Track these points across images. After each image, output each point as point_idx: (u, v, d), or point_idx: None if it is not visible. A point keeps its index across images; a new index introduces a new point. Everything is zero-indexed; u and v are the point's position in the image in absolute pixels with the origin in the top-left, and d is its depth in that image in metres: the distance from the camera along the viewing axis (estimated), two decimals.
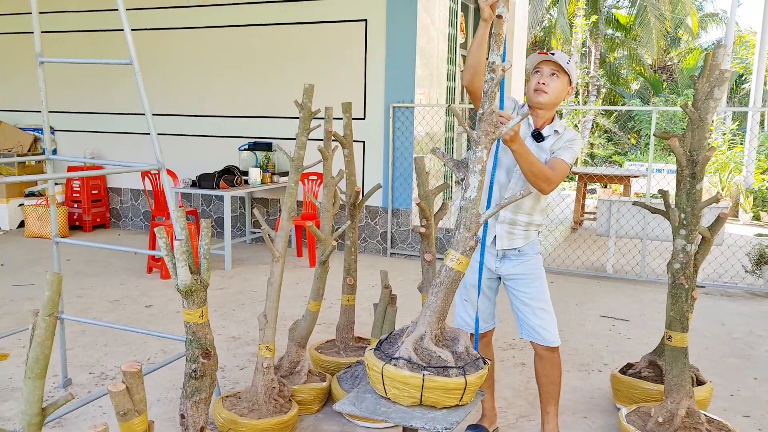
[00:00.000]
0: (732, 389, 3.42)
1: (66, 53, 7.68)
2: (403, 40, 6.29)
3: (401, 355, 2.22)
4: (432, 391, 2.17)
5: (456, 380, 2.18)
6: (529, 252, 2.69)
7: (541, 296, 2.69)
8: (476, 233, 2.22)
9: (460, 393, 2.21)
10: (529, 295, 2.67)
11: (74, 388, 3.26)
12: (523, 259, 2.69)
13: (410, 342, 2.25)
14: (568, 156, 2.53)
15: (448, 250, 2.22)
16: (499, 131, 2.22)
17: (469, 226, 2.18)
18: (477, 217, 2.19)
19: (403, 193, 6.54)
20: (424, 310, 2.25)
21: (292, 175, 2.83)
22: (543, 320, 2.67)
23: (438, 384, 2.16)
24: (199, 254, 2.30)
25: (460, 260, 2.19)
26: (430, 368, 2.18)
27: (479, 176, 2.18)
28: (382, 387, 2.24)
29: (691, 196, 2.55)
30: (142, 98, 2.61)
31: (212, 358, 2.37)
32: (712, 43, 22.55)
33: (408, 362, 2.18)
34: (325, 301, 4.55)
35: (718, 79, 2.41)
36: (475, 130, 2.21)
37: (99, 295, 4.94)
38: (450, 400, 2.23)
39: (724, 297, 5.34)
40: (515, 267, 2.69)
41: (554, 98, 2.53)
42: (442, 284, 2.22)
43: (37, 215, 7.07)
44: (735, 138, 11.09)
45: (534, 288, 2.68)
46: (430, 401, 2.22)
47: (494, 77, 2.13)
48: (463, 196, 2.22)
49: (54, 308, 1.64)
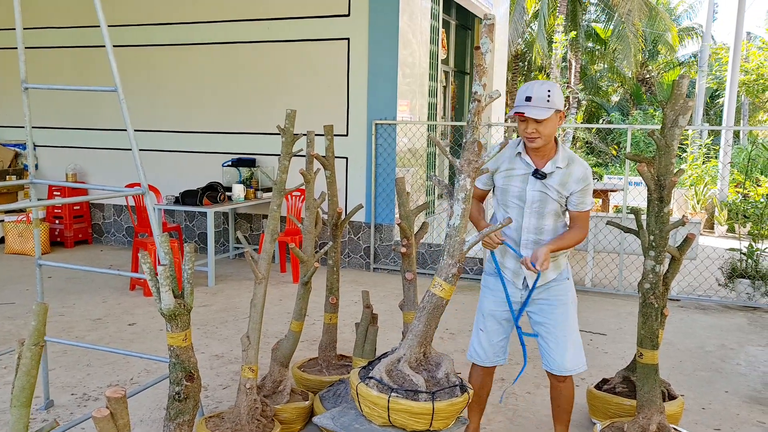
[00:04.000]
0: (703, 402, 3.53)
1: (51, 70, 7.67)
2: (385, 57, 6.39)
3: (374, 375, 2.28)
4: (398, 413, 2.21)
5: (423, 405, 2.19)
6: (557, 278, 2.61)
7: (562, 323, 2.57)
8: (460, 260, 2.27)
9: (427, 418, 2.22)
10: (551, 321, 2.58)
11: (56, 410, 3.26)
12: (550, 284, 2.60)
13: (385, 364, 2.31)
14: (588, 202, 2.55)
15: (434, 277, 2.27)
16: (489, 241, 2.45)
17: (453, 254, 2.23)
18: (461, 244, 2.25)
19: (386, 209, 6.62)
20: (408, 334, 2.32)
21: (275, 198, 2.88)
22: (558, 348, 2.57)
23: (403, 407, 2.19)
24: (182, 278, 2.35)
25: (443, 287, 2.24)
26: (398, 391, 2.21)
27: (463, 204, 2.24)
28: (358, 404, 2.31)
29: (659, 219, 2.65)
30: (126, 124, 2.66)
31: (196, 381, 2.41)
32: (690, 56, 23.06)
33: (378, 383, 2.23)
34: (309, 318, 4.60)
35: (682, 108, 2.52)
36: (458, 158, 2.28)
37: (81, 314, 4.94)
38: (417, 424, 2.23)
39: (698, 310, 5.48)
40: (540, 293, 2.60)
41: (548, 138, 2.46)
42: (425, 309, 2.28)
43: (17, 232, 7.02)
44: (710, 152, 11.35)
45: (556, 315, 2.57)
46: (398, 423, 2.26)
47: (477, 107, 2.21)
48: (449, 223, 2.28)
49: (40, 338, 1.68)
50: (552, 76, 16.50)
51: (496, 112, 9.99)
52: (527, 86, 2.46)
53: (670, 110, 2.55)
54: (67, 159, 7.73)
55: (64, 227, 7.45)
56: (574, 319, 2.64)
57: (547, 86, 2.43)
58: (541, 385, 3.70)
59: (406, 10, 6.50)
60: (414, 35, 6.78)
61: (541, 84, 2.45)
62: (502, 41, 10.68)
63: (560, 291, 2.60)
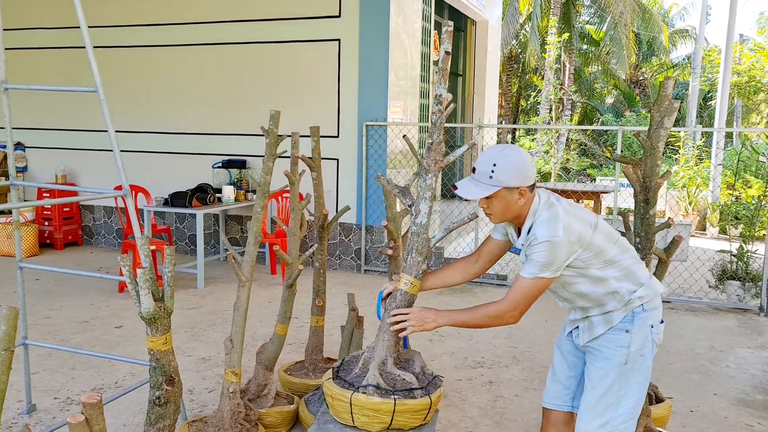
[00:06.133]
0: (692, 405, 3.51)
1: (37, 71, 7.62)
2: (376, 59, 6.37)
3: (369, 382, 2.27)
4: (402, 414, 2.24)
5: (422, 401, 2.25)
6: (616, 325, 2.12)
7: (600, 380, 2.09)
8: (426, 256, 2.29)
9: (425, 413, 2.29)
10: (589, 372, 2.15)
11: (38, 414, 3.22)
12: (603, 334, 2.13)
13: (375, 368, 2.30)
14: (526, 271, 2.03)
15: (401, 274, 2.31)
16: (408, 328, 2.22)
17: (421, 251, 2.29)
18: (428, 241, 2.31)
19: (377, 211, 6.60)
20: (381, 335, 2.31)
21: (259, 199, 2.86)
22: (585, 409, 2.12)
23: (408, 407, 2.23)
24: (163, 281, 2.32)
25: (413, 283, 2.30)
26: (398, 392, 2.25)
27: (429, 202, 2.31)
28: (349, 416, 2.27)
29: (645, 221, 2.64)
30: (107, 125, 2.63)
31: (176, 385, 2.38)
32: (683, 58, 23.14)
33: (377, 388, 2.23)
34: (296, 320, 4.57)
35: (668, 110, 2.51)
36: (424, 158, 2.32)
37: (68, 316, 4.89)
38: (416, 420, 2.30)
39: (688, 312, 5.47)
40: (590, 337, 2.17)
41: (503, 215, 2.10)
42: (398, 308, 2.29)
43: (5, 234, 6.97)
44: (702, 154, 11.39)
45: (596, 367, 2.11)
46: (399, 424, 2.28)
47: (441, 109, 2.27)
48: (414, 221, 2.33)
49: (10, 343, 1.65)
50: (545, 78, 16.51)
51: (488, 114, 9.98)
52: (482, 153, 2.13)
53: (656, 111, 2.54)
54: (57, 160, 7.67)
55: (53, 229, 7.40)
56: (619, 385, 2.07)
57: (495, 158, 2.04)
58: (530, 388, 3.69)
59: (398, 12, 6.49)
60: (405, 37, 6.77)
61: (492, 154, 2.07)
62: (495, 43, 10.67)
63: (610, 341, 2.09)
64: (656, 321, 2.11)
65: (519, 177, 2.03)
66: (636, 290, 2.08)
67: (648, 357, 2.09)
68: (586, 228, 2.03)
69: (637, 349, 2.07)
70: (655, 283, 2.14)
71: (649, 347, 2.09)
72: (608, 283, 2.07)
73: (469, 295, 5.77)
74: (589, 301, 2.12)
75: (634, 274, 2.10)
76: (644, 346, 2.07)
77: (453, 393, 3.58)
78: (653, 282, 2.14)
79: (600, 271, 2.05)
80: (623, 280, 2.08)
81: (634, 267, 2.11)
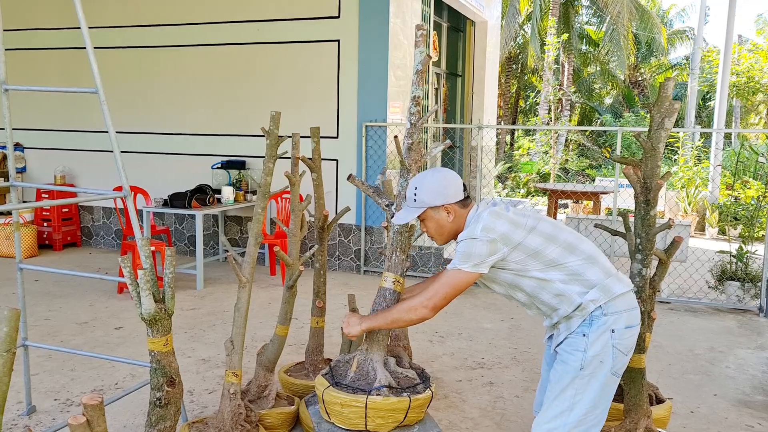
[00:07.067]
0: (692, 406, 3.52)
1: (37, 71, 7.61)
2: (376, 60, 6.37)
3: (382, 383, 2.28)
4: (414, 410, 2.27)
5: (426, 395, 2.33)
6: (570, 335, 2.10)
7: (556, 384, 2.09)
8: (408, 254, 2.44)
9: (427, 406, 2.38)
10: (550, 376, 2.17)
11: (38, 416, 3.22)
12: (567, 338, 2.12)
13: (382, 369, 2.32)
14: (456, 259, 2.10)
15: (385, 273, 2.36)
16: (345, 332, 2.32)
17: (405, 249, 2.41)
18: (409, 239, 2.46)
19: (377, 211, 6.59)
20: (374, 335, 2.33)
21: (259, 200, 2.86)
22: (542, 411, 2.12)
23: (419, 402, 2.29)
24: (163, 282, 2.32)
25: (400, 281, 2.36)
26: (408, 389, 2.29)
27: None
28: (362, 421, 2.27)
29: (645, 222, 2.64)
30: (108, 126, 2.62)
31: (177, 386, 2.38)
32: (682, 59, 23.17)
33: (390, 388, 2.27)
34: (297, 321, 4.57)
35: (668, 111, 2.51)
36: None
37: (67, 317, 4.89)
38: (420, 414, 2.34)
39: (688, 312, 5.48)
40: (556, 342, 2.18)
41: (441, 233, 2.21)
42: (387, 306, 2.33)
43: (4, 235, 6.96)
44: (701, 155, 11.40)
45: (555, 371, 2.12)
46: (409, 420, 2.31)
47: (419, 110, 2.34)
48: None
49: (12, 345, 1.65)
50: (544, 79, 16.52)
51: (487, 114, 9.99)
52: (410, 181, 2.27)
53: (657, 112, 2.54)
54: (56, 161, 7.67)
55: (52, 230, 7.39)
56: (574, 391, 2.03)
57: (415, 183, 2.20)
58: (530, 388, 3.69)
59: (397, 13, 6.49)
60: (405, 38, 6.77)
61: (414, 180, 2.23)
62: (495, 43, 10.67)
63: (570, 346, 2.07)
64: (619, 326, 2.03)
65: (439, 196, 2.16)
66: (587, 293, 2.04)
67: (608, 364, 2.02)
68: (517, 230, 2.07)
69: (594, 355, 2.01)
70: (613, 284, 2.06)
71: (610, 353, 2.02)
72: (553, 285, 2.06)
73: (469, 295, 5.77)
74: (544, 305, 2.13)
75: (582, 276, 2.06)
76: (603, 351, 2.01)
77: (453, 394, 3.58)
78: (610, 283, 2.05)
79: (541, 273, 2.06)
80: (570, 283, 2.06)
81: (583, 269, 2.07)
